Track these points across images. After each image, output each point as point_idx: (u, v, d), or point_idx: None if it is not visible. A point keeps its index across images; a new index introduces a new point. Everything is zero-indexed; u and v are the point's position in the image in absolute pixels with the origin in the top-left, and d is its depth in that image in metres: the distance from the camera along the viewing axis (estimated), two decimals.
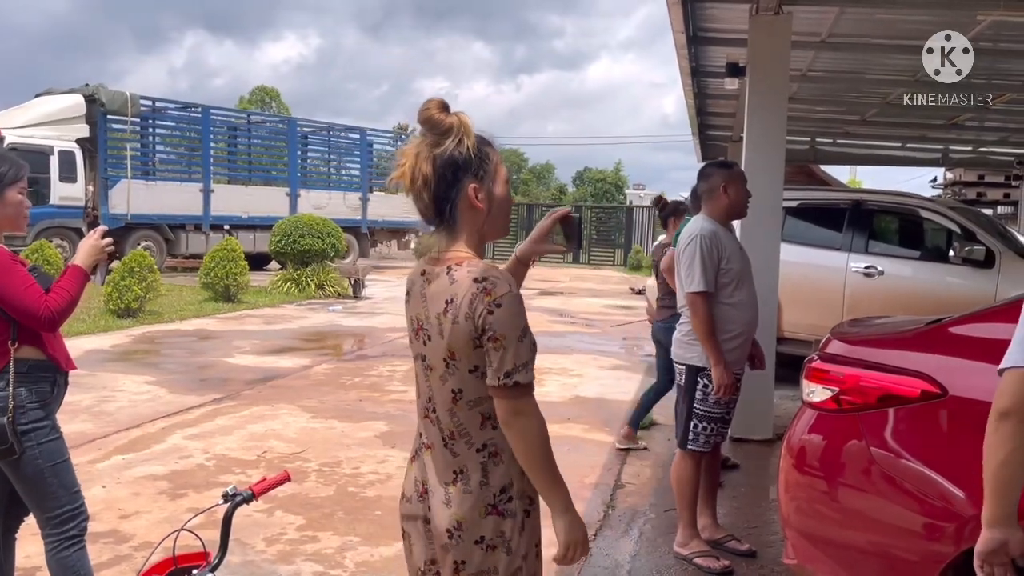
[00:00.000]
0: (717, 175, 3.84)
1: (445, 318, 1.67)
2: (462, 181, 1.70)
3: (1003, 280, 7.02)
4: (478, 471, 1.72)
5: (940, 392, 2.50)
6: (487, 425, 1.72)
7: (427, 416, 1.80)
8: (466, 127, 1.70)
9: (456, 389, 1.71)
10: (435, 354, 1.72)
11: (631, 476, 5.17)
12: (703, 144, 13.96)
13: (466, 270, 1.67)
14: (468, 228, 1.74)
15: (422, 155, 1.68)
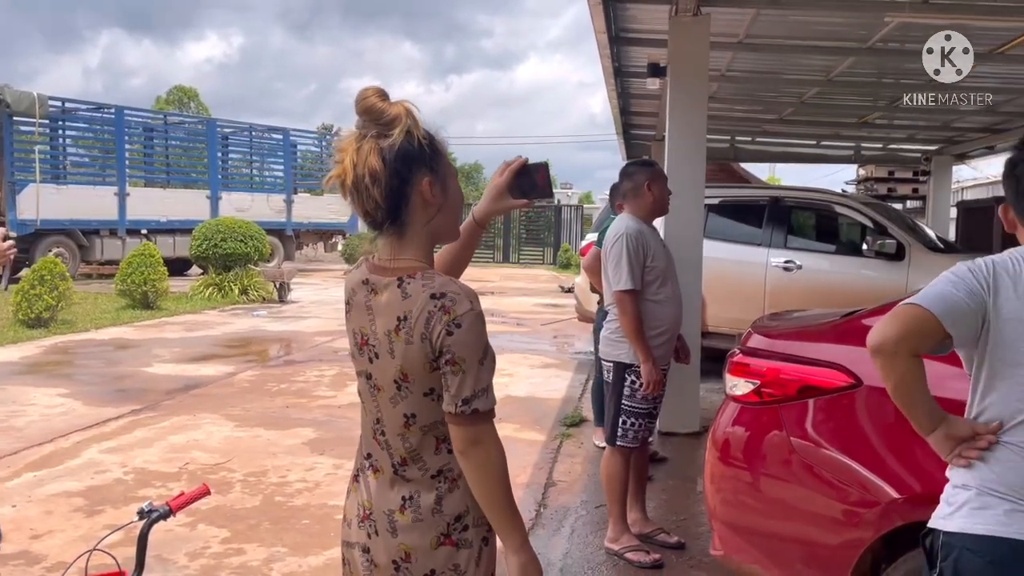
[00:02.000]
0: (641, 173, 3.89)
1: (398, 337, 1.52)
2: (416, 175, 1.53)
3: (913, 272, 7.32)
4: (431, 497, 1.57)
5: (855, 382, 2.58)
6: (442, 449, 1.58)
7: (375, 438, 1.64)
8: (413, 116, 1.54)
9: (409, 413, 1.56)
10: (384, 374, 1.57)
11: (563, 473, 5.20)
12: (627, 143, 14.15)
13: (421, 284, 1.51)
14: (420, 229, 1.57)
15: (367, 149, 1.50)
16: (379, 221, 1.55)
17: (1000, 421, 1.65)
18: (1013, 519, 1.59)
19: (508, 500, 1.56)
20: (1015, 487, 1.60)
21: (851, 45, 7.36)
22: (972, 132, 11.96)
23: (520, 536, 1.57)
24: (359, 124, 1.54)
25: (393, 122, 1.50)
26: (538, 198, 1.77)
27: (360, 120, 1.53)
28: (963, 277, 1.64)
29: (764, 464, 2.80)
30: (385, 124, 1.50)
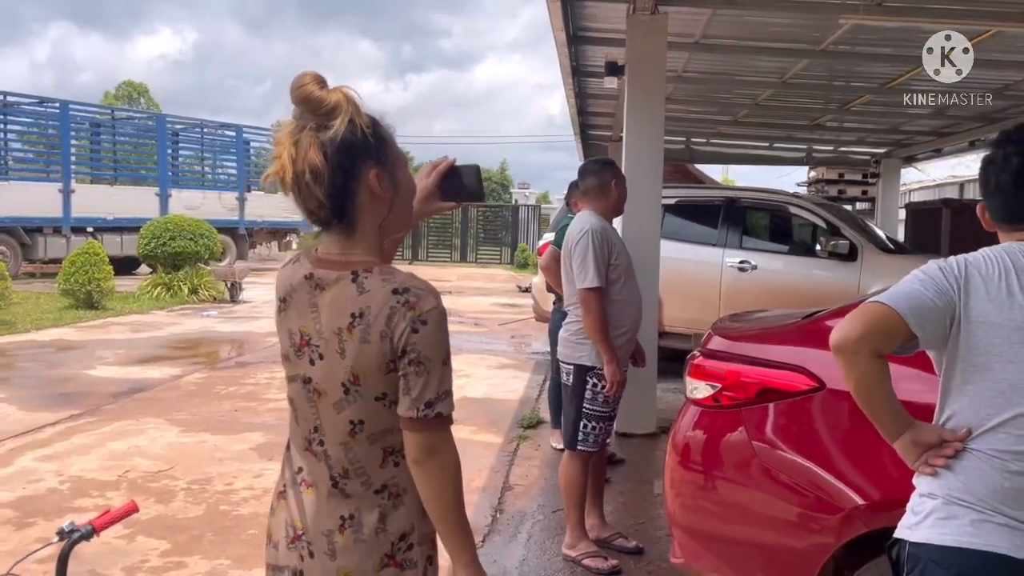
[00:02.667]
0: (607, 171, 3.83)
1: (350, 335, 1.40)
2: (362, 168, 1.42)
3: (865, 272, 7.40)
4: (374, 515, 1.45)
5: (818, 385, 2.53)
6: (389, 462, 1.46)
7: (309, 449, 1.50)
8: (354, 103, 1.42)
9: (356, 420, 1.43)
10: (329, 377, 1.44)
11: (519, 477, 5.11)
12: (585, 144, 14.13)
13: (380, 278, 1.41)
14: (369, 225, 1.46)
15: (306, 142, 1.38)
16: (325, 220, 1.44)
17: (968, 428, 1.59)
18: (980, 529, 1.53)
19: (461, 514, 1.47)
20: (982, 496, 1.54)
21: (805, 47, 7.40)
22: (920, 135, 12.18)
23: (470, 552, 1.48)
24: (296, 115, 1.42)
25: (333, 111, 1.38)
26: (467, 201, 1.72)
27: (297, 110, 1.41)
28: (933, 276, 1.58)
29: (725, 469, 2.74)
30: (324, 114, 1.39)
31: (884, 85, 8.77)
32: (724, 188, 8.78)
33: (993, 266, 1.56)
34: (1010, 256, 1.57)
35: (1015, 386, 1.53)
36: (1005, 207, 1.65)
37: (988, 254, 1.59)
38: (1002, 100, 9.05)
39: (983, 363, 1.55)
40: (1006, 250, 1.59)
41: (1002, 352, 1.53)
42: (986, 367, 1.55)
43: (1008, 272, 1.55)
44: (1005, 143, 1.66)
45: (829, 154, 14.53)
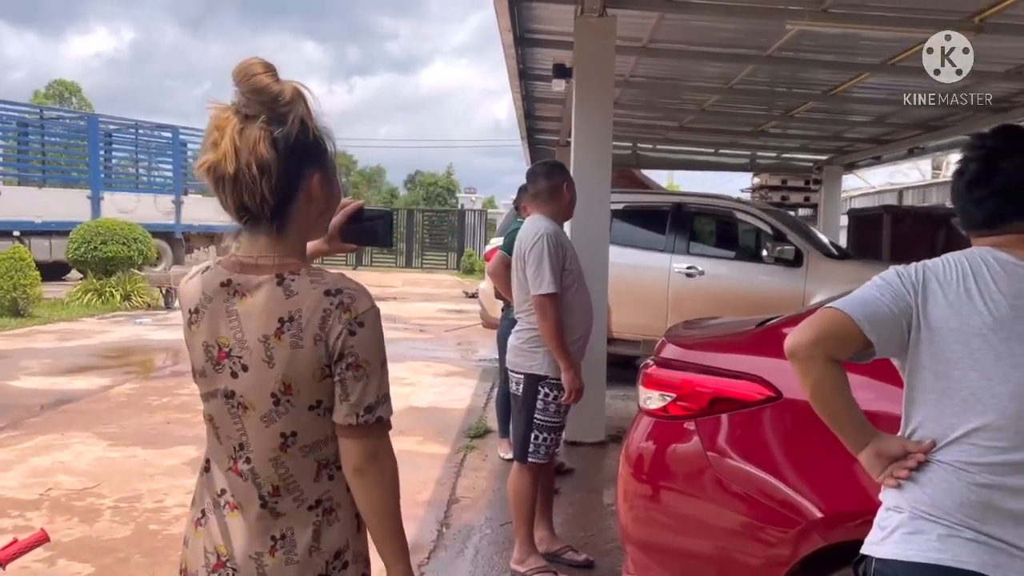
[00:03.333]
0: (558, 174, 3.73)
1: (279, 342, 1.32)
2: (308, 171, 1.36)
3: (810, 278, 7.44)
4: (308, 534, 1.37)
5: (775, 395, 2.44)
6: (323, 475, 1.39)
7: (234, 468, 1.40)
8: (307, 102, 1.35)
9: (288, 432, 1.35)
10: (255, 389, 1.35)
11: (466, 489, 4.96)
12: (532, 148, 14.06)
13: (308, 280, 1.34)
14: (300, 228, 1.39)
15: (254, 135, 1.29)
16: (258, 217, 1.35)
17: (933, 439, 1.53)
18: (948, 544, 1.47)
19: (399, 523, 1.43)
20: (949, 510, 1.48)
21: (751, 53, 7.43)
22: (861, 143, 12.42)
23: (406, 564, 1.43)
24: (240, 103, 1.32)
25: (288, 107, 1.32)
26: (369, 245, 1.72)
27: (243, 99, 1.31)
28: (890, 282, 1.54)
29: (680, 481, 2.64)
30: (278, 108, 1.31)
31: (827, 92, 8.88)
32: (672, 193, 8.77)
33: (951, 271, 1.51)
34: (969, 261, 1.52)
35: (977, 395, 1.47)
36: (963, 213, 1.63)
37: (948, 259, 1.54)
38: (941, 108, 9.24)
39: (943, 371, 1.50)
40: (967, 255, 1.54)
41: (962, 359, 1.48)
42: (946, 375, 1.50)
43: (966, 277, 1.50)
44: (964, 150, 1.64)
45: (772, 160, 14.72)
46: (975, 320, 1.46)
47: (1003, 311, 1.45)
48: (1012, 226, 1.53)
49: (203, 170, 1.33)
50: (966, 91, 8.44)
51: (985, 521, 1.46)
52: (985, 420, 1.46)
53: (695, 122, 11.30)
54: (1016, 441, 1.45)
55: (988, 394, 1.45)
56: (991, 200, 1.55)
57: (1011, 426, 1.45)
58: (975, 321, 1.46)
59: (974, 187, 1.58)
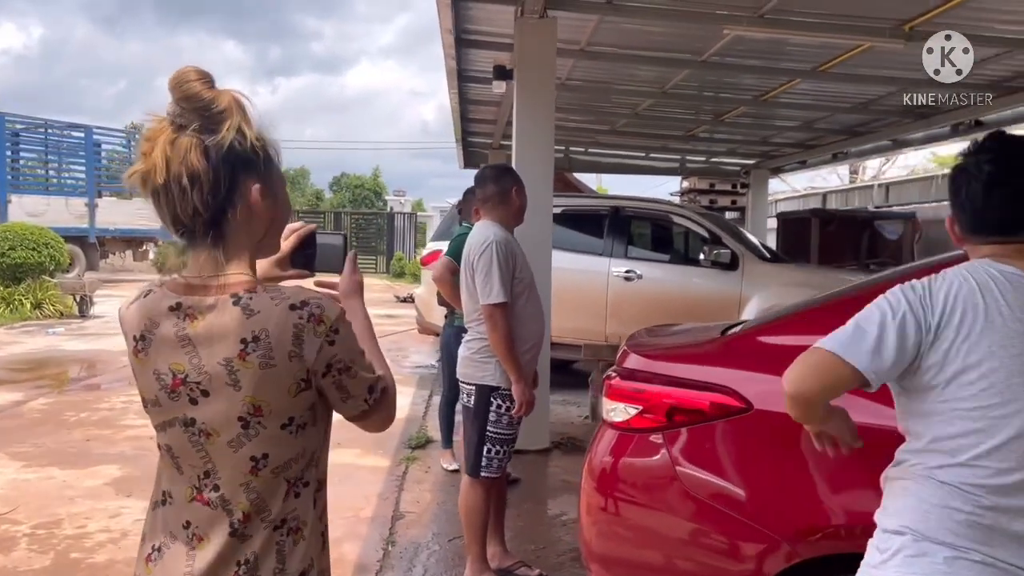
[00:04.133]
0: (508, 178, 3.60)
1: (245, 363, 1.26)
2: (245, 181, 1.31)
3: (746, 281, 7.53)
4: (272, 556, 1.32)
5: (745, 407, 2.38)
6: (290, 494, 1.34)
7: (199, 498, 1.32)
8: (244, 110, 1.31)
9: (259, 455, 1.30)
10: (219, 414, 1.29)
11: (411, 503, 4.79)
12: (465, 151, 13.93)
13: (268, 297, 1.28)
14: (244, 243, 1.34)
15: (186, 144, 1.25)
16: (194, 232, 1.31)
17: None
18: (955, 567, 1.43)
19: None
20: (955, 532, 1.44)
21: (687, 57, 7.46)
22: (787, 147, 12.69)
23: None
24: (174, 113, 1.28)
25: (222, 115, 1.28)
26: (322, 272, 1.61)
27: (177, 108, 1.28)
28: (899, 308, 1.49)
29: (647, 496, 2.56)
30: (211, 117, 1.28)
31: (758, 98, 9.02)
32: (609, 197, 8.76)
33: (961, 288, 1.46)
34: (975, 277, 1.48)
35: (987, 414, 1.43)
36: (974, 218, 1.57)
37: (955, 276, 1.49)
38: (866, 114, 9.51)
39: (953, 393, 1.46)
40: (971, 271, 1.49)
41: (972, 380, 1.44)
42: (956, 396, 1.46)
43: (973, 293, 1.46)
44: (978, 151, 1.58)
45: (701, 164, 14.93)
46: (986, 339, 1.42)
47: (1013, 327, 1.41)
48: (1022, 234, 1.49)
49: (133, 181, 1.29)
50: (890, 98, 8.73)
51: (991, 543, 1.42)
52: (995, 441, 1.42)
53: (628, 126, 11.36)
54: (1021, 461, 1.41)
55: (998, 413, 1.41)
56: (1011, 204, 1.51)
57: (1022, 447, 1.40)
58: (986, 340, 1.42)
59: (994, 189, 1.52)
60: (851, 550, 2.17)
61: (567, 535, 4.37)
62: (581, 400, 7.59)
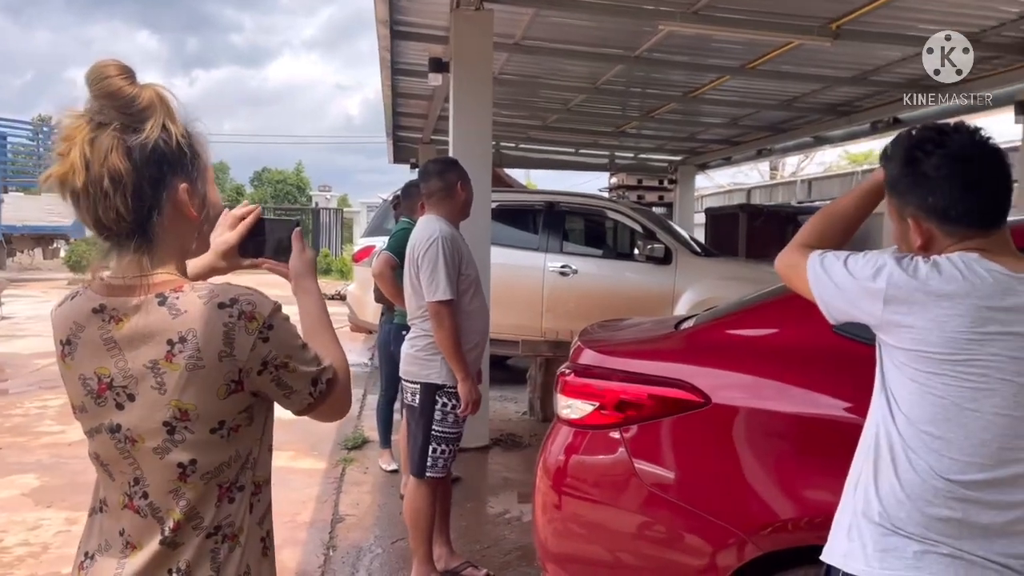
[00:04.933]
0: (453, 172, 3.51)
1: (171, 365, 1.22)
2: (171, 181, 1.26)
3: (679, 275, 7.62)
4: (206, 564, 1.27)
5: (703, 401, 2.36)
6: (224, 499, 1.29)
7: (130, 506, 1.27)
8: (168, 106, 1.25)
9: (187, 461, 1.25)
10: (144, 420, 1.24)
11: (350, 506, 4.66)
12: (395, 146, 13.72)
13: (196, 296, 1.24)
14: (172, 244, 1.30)
15: (106, 144, 1.19)
16: (119, 234, 1.25)
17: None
18: (924, 562, 1.42)
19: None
20: (925, 525, 1.43)
21: (620, 53, 7.49)
22: (714, 144, 12.93)
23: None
24: (93, 109, 1.22)
25: (144, 112, 1.22)
26: (273, 259, 1.52)
27: (95, 105, 1.21)
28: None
29: (605, 493, 2.52)
30: (133, 114, 1.22)
31: (687, 94, 9.13)
32: (544, 193, 8.73)
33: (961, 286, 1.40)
34: (971, 272, 1.42)
35: (962, 408, 1.42)
36: (962, 209, 1.49)
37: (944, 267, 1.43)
38: (790, 111, 9.74)
39: (930, 384, 1.44)
40: (966, 264, 1.44)
41: (948, 373, 1.42)
42: (932, 387, 1.43)
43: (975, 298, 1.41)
44: (962, 136, 1.50)
45: (630, 161, 15.09)
46: (975, 334, 1.40)
47: (1000, 327, 1.40)
48: (1002, 227, 1.49)
49: (50, 184, 1.22)
50: (814, 95, 8.96)
51: (959, 536, 1.42)
52: (970, 436, 1.41)
53: (559, 121, 11.37)
54: (998, 457, 1.41)
55: (972, 407, 1.40)
56: (998, 196, 1.49)
57: (994, 442, 1.40)
58: (975, 335, 1.40)
59: (992, 177, 1.48)
60: (811, 543, 2.20)
61: (512, 533, 4.32)
62: (519, 396, 7.56)
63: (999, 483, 1.41)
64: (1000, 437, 1.40)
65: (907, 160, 1.53)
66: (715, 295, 6.73)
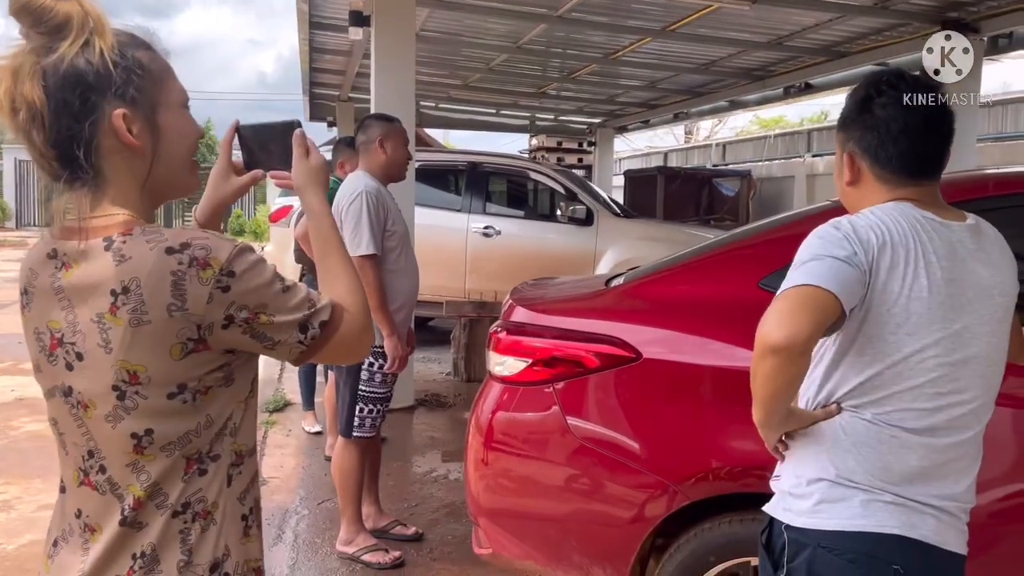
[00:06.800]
0: (375, 127, 3.43)
1: (115, 318, 1.06)
2: (99, 107, 1.08)
3: (601, 236, 7.71)
4: (175, 546, 1.13)
5: (634, 356, 2.41)
6: (193, 471, 1.13)
7: (86, 482, 1.14)
8: (96, 18, 1.08)
9: (141, 431, 1.10)
10: (93, 383, 1.09)
11: (273, 468, 4.60)
12: (312, 103, 13.34)
13: (143, 240, 1.07)
14: (123, 181, 1.13)
15: (26, 70, 1.05)
16: (58, 173, 1.10)
17: (839, 404, 1.48)
18: (870, 510, 1.44)
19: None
20: (872, 473, 1.45)
21: (544, 12, 7.44)
22: (632, 107, 13.04)
23: None
24: (23, 32, 1.08)
25: (62, 28, 1.06)
26: (272, 169, 1.33)
27: (18, 25, 1.07)
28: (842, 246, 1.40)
29: (538, 448, 2.56)
30: (50, 32, 1.06)
31: (609, 56, 9.16)
32: (467, 153, 8.65)
33: (893, 232, 1.42)
34: (906, 220, 1.43)
35: (907, 359, 1.42)
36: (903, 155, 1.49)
37: (885, 219, 1.43)
38: (707, 75, 9.90)
39: (878, 334, 1.43)
40: (900, 213, 1.45)
41: (900, 323, 1.42)
42: (880, 338, 1.43)
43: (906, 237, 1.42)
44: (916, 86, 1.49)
45: (550, 123, 15.09)
46: (917, 285, 1.41)
47: (939, 275, 1.42)
48: (934, 180, 1.53)
49: None
50: (730, 59, 9.13)
51: (900, 483, 1.44)
52: (912, 383, 1.43)
53: (480, 81, 11.25)
54: (936, 403, 1.44)
55: (917, 358, 1.42)
56: (942, 145, 1.50)
57: (933, 391, 1.43)
58: (917, 286, 1.41)
59: (933, 128, 1.49)
60: (738, 490, 2.29)
61: (439, 491, 4.36)
62: (442, 357, 7.57)
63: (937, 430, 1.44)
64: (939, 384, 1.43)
65: (862, 97, 1.53)
66: (635, 255, 6.85)
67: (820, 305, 1.34)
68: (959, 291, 1.44)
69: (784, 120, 28.59)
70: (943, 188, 1.55)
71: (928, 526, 1.44)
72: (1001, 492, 2.10)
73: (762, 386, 1.41)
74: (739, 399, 2.27)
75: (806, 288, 1.35)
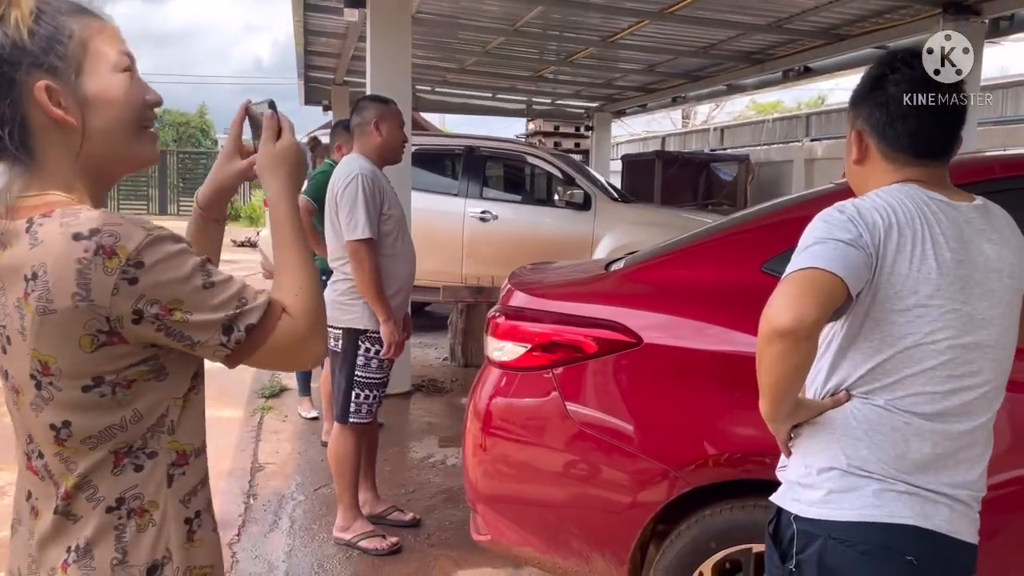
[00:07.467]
0: (370, 109, 3.38)
1: (27, 305, 1.01)
2: (18, 82, 1.03)
3: (598, 221, 7.67)
4: (109, 543, 1.08)
5: (635, 341, 2.38)
6: (125, 466, 1.08)
7: (30, 466, 1.12)
8: None
9: (58, 423, 1.05)
10: (18, 370, 1.06)
11: (269, 454, 4.58)
12: (307, 87, 13.22)
13: (58, 223, 1.01)
14: (56, 156, 1.07)
15: None
16: None
17: (849, 392, 1.44)
18: (883, 500, 1.40)
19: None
20: (885, 462, 1.41)
21: None
22: (630, 91, 12.95)
23: None
24: None
25: None
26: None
27: None
28: (847, 228, 1.37)
29: (537, 434, 2.53)
30: None
31: (607, 39, 9.07)
32: (464, 137, 8.58)
33: (900, 214, 1.38)
34: (913, 202, 1.40)
35: (920, 343, 1.39)
36: (914, 134, 1.46)
37: (891, 200, 1.39)
38: (706, 59, 9.82)
39: (887, 319, 1.40)
40: (907, 196, 1.41)
41: (908, 307, 1.39)
42: (890, 322, 1.40)
43: (913, 219, 1.38)
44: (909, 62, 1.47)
45: (547, 107, 14.98)
46: (925, 266, 1.38)
47: (947, 256, 1.38)
48: (942, 162, 1.49)
49: None
50: (729, 42, 9.05)
51: (914, 471, 1.41)
52: (924, 366, 1.39)
53: (477, 64, 11.14)
54: (948, 387, 1.40)
55: (929, 341, 1.38)
56: (952, 127, 1.47)
57: (945, 374, 1.40)
58: (925, 267, 1.38)
59: (943, 109, 1.46)
60: (739, 477, 2.27)
61: (436, 477, 4.33)
62: (439, 342, 7.54)
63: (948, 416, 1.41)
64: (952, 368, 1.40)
65: (876, 75, 1.51)
66: (633, 240, 6.81)
67: (826, 288, 1.31)
68: (968, 272, 1.41)
69: (781, 105, 28.51)
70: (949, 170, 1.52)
71: (942, 516, 1.41)
72: (1006, 478, 2.08)
73: (768, 372, 1.37)
74: (742, 385, 2.26)
75: (811, 271, 1.32)
